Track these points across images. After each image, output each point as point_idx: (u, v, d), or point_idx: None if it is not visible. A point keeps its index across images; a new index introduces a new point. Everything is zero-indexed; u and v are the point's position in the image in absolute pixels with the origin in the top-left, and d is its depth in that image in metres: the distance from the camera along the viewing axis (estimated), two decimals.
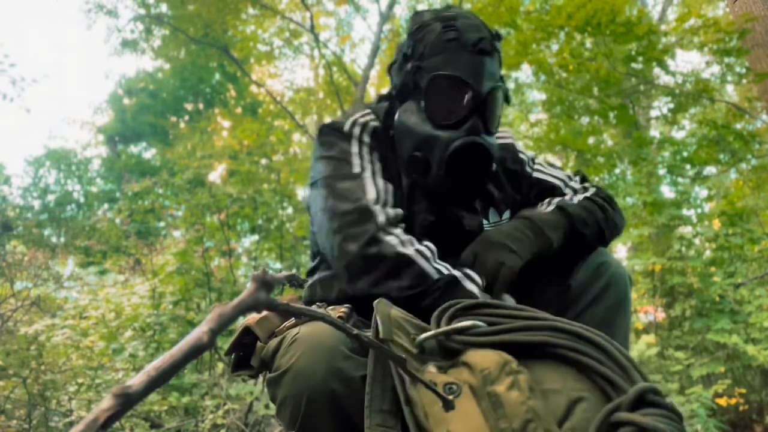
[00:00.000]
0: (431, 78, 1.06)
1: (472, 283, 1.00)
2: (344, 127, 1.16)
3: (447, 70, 1.05)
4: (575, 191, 1.23)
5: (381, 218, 1.03)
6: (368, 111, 1.21)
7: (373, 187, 1.08)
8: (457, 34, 1.05)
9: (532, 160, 1.27)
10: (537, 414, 0.73)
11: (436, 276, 0.99)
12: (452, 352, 0.84)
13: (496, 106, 1.09)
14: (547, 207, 1.15)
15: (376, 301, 0.88)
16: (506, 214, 1.21)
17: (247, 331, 0.99)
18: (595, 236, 1.14)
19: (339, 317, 0.96)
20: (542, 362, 0.82)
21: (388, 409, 0.80)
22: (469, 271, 1.02)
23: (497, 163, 1.19)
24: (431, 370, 0.80)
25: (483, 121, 1.06)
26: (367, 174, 1.10)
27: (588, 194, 1.20)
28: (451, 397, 0.74)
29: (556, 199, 1.19)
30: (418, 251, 1.01)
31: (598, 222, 1.15)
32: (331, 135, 1.17)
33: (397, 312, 0.88)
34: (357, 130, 1.16)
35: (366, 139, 1.15)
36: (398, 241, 1.01)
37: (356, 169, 1.10)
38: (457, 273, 1.01)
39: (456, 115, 1.06)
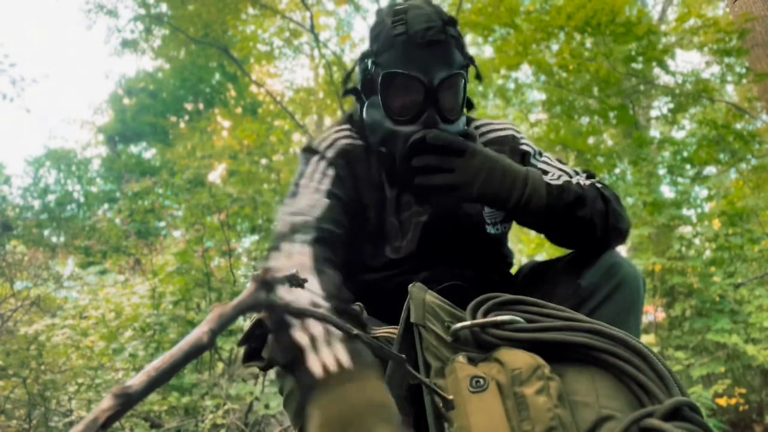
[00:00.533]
0: (382, 76, 1.08)
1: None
2: (315, 145, 1.20)
3: (396, 66, 1.06)
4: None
5: (278, 233, 1.05)
6: (345, 126, 1.23)
7: (300, 203, 1.11)
8: (405, 27, 1.06)
9: (539, 153, 1.24)
10: (562, 422, 0.72)
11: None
12: (486, 345, 0.82)
13: (451, 95, 1.10)
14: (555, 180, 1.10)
15: (410, 285, 0.87)
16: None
17: (260, 322, 1.00)
18: (595, 223, 1.06)
19: None
20: (578, 370, 0.79)
21: (404, 395, 0.81)
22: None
23: None
24: (461, 360, 0.79)
25: (438, 111, 1.08)
26: (306, 185, 1.13)
27: (596, 184, 1.13)
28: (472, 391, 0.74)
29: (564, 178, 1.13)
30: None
31: (594, 208, 1.06)
32: (304, 155, 1.21)
33: (432, 297, 0.86)
34: (324, 146, 1.19)
35: (329, 154, 1.17)
36: (282, 255, 1.00)
37: (294, 190, 1.14)
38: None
39: (410, 110, 1.08)
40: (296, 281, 0.57)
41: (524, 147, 1.22)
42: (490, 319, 0.83)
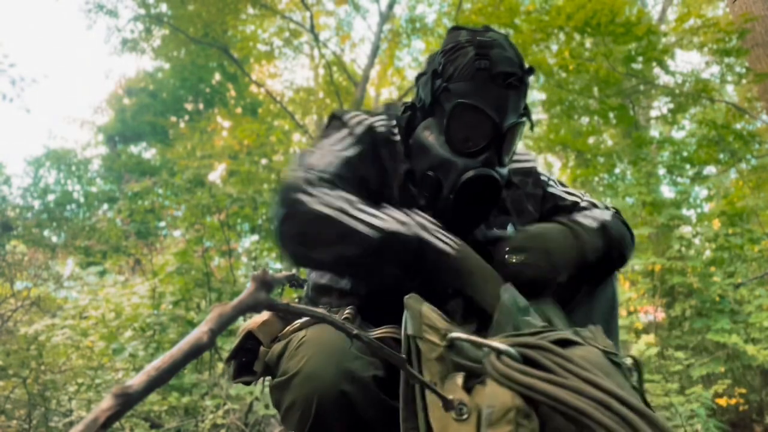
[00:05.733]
0: (456, 104, 1.06)
1: (435, 239, 0.95)
2: (344, 116, 1.19)
3: (472, 99, 1.05)
4: (596, 206, 1.24)
5: (299, 180, 1.02)
6: (386, 116, 1.21)
7: (320, 158, 1.08)
8: (489, 64, 1.04)
9: (549, 179, 1.29)
10: None
11: (368, 233, 0.93)
12: (477, 364, 0.78)
13: (513, 141, 1.11)
14: (591, 222, 1.14)
15: (407, 297, 0.84)
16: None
17: (249, 335, 0.98)
18: (620, 259, 1.16)
19: (345, 318, 0.96)
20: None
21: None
22: (420, 218, 0.98)
23: (519, 188, 1.21)
24: (458, 382, 0.77)
25: (498, 154, 1.08)
26: (328, 148, 1.11)
27: (614, 212, 1.21)
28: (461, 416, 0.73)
29: (597, 212, 1.18)
30: (340, 209, 0.96)
31: (625, 244, 1.16)
32: (330, 123, 1.21)
33: (428, 309, 0.84)
34: (354, 122, 1.17)
35: (357, 131, 1.15)
36: (316, 199, 0.98)
37: (312, 149, 1.12)
38: (394, 227, 0.94)
39: (474, 144, 1.07)
40: (296, 281, 0.58)
41: (543, 178, 1.27)
42: (485, 341, 0.77)
